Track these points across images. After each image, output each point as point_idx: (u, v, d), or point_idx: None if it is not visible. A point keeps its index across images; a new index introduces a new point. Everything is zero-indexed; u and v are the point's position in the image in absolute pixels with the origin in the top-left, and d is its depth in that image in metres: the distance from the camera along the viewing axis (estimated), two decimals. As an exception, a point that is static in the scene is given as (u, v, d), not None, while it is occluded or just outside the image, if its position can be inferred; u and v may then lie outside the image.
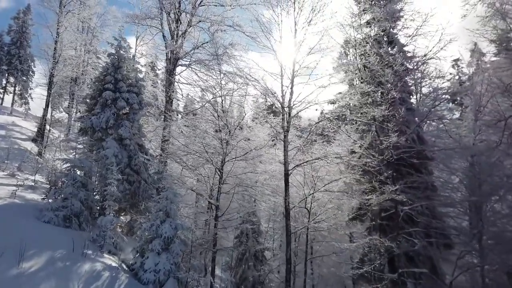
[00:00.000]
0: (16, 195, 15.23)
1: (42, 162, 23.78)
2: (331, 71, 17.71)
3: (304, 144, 16.78)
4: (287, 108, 16.96)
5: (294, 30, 17.39)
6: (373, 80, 16.77)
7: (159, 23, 23.84)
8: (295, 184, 18.68)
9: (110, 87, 19.29)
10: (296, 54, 17.27)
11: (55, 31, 29.74)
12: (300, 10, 16.86)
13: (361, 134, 18.74)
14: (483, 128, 19.34)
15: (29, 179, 19.92)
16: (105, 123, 18.70)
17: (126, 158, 18.68)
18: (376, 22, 19.04)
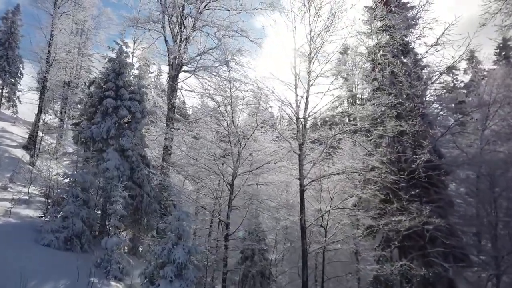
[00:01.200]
0: (11, 212, 13.99)
1: (35, 172, 22.45)
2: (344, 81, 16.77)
3: (321, 158, 15.78)
4: (302, 119, 16.04)
5: (309, 37, 16.53)
6: (399, 92, 15.87)
7: (161, 27, 22.73)
8: (309, 199, 17.69)
9: (111, 94, 18.12)
10: (311, 62, 16.38)
11: (49, 33, 28.37)
12: (318, 16, 15.94)
13: (374, 147, 17.91)
14: (491, 139, 18.80)
15: (22, 192, 18.62)
16: (106, 133, 17.51)
17: (128, 170, 17.51)
18: (389, 30, 18.25)
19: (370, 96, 16.40)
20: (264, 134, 17.66)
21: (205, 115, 19.24)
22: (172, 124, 21.66)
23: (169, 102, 21.77)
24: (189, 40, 21.99)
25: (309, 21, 16.55)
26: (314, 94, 16.21)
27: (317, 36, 16.08)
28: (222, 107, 17.01)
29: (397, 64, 16.02)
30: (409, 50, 19.23)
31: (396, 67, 16.17)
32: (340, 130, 15.45)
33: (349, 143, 17.28)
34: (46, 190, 19.99)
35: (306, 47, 16.65)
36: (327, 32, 15.71)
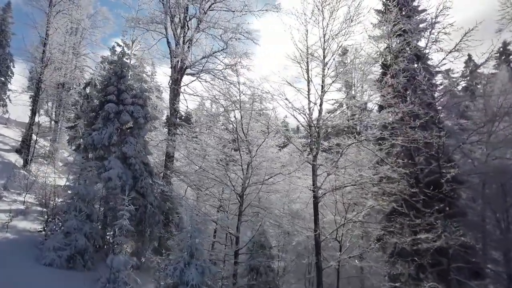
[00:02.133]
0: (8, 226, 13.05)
1: (30, 177, 21.43)
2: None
3: (335, 167, 15.06)
4: (316, 127, 15.30)
5: (323, 40, 15.82)
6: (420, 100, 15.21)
7: (163, 28, 21.84)
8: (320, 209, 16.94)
9: (112, 98, 17.23)
10: (326, 67, 15.67)
11: (44, 32, 27.26)
12: (333, 19, 15.22)
13: (387, 157, 17.26)
14: (498, 146, 18.31)
15: (18, 201, 17.65)
16: (108, 139, 16.61)
17: (131, 179, 16.64)
18: (403, 34, 17.60)
19: (384, 103, 15.63)
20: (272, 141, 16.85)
21: (210, 120, 18.43)
22: (174, 129, 20.80)
23: (171, 106, 20.90)
24: (193, 42, 21.12)
25: (322, 25, 15.85)
26: (327, 101, 15.43)
27: (332, 39, 15.35)
28: (231, 113, 16.16)
29: (417, 71, 15.39)
30: (422, 55, 18.61)
31: (417, 74, 15.58)
32: (358, 140, 14.71)
33: (363, 153, 16.55)
34: (43, 198, 19.16)
35: (320, 52, 15.96)
36: (343, 36, 14.98)
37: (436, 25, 17.14)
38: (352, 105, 16.57)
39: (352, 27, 15.06)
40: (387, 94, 15.38)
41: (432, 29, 16.26)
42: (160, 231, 17.53)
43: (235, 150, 17.10)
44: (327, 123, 15.36)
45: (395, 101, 14.88)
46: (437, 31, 17.28)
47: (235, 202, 17.88)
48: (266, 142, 15.85)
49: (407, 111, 14.87)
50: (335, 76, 15.69)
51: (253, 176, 15.22)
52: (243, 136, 15.74)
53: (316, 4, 15.93)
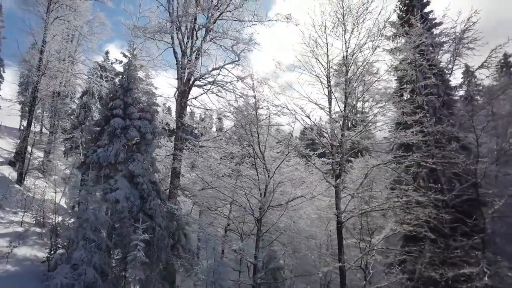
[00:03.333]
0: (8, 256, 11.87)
1: (26, 194, 20.18)
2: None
3: (360, 190, 14.13)
4: (339, 147, 14.39)
5: (345, 54, 14.98)
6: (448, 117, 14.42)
7: (169, 37, 20.81)
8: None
9: (119, 113, 16.17)
10: (347, 82, 14.80)
11: (41, 39, 26.04)
12: (359, 32, 14.38)
13: (412, 178, 16.45)
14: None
15: (15, 222, 16.41)
16: (114, 157, 15.53)
17: (138, 199, 15.53)
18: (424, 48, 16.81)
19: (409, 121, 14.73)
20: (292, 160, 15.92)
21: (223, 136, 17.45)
22: (181, 144, 19.72)
23: (178, 120, 19.80)
24: (202, 53, 20.12)
25: (344, 38, 15.03)
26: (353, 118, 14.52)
27: (356, 53, 14.52)
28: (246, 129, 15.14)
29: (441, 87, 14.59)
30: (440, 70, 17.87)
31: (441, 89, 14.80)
32: (388, 161, 13.81)
33: (387, 174, 15.67)
34: (41, 218, 18.01)
35: (341, 65, 15.14)
36: (369, 50, 14.16)
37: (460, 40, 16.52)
38: (358, 119, 15.77)
39: (378, 40, 14.21)
40: (407, 111, 14.61)
41: (458, 44, 15.47)
42: (168, 254, 16.41)
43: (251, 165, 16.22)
44: (353, 141, 14.39)
45: (421, 119, 14.04)
46: (461, 46, 16.67)
47: (247, 222, 16.96)
48: (284, 161, 14.87)
49: (436, 131, 14.07)
50: (362, 92, 14.69)
51: (271, 197, 14.20)
52: (260, 155, 14.77)
53: (338, 16, 15.19)
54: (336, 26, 15.05)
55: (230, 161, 19.16)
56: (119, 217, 13.88)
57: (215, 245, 11.20)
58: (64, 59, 28.97)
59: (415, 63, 16.90)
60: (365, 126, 14.00)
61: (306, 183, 15.66)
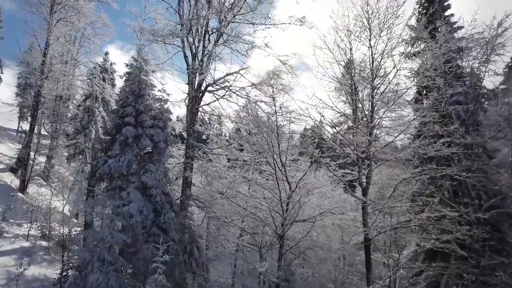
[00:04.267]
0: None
1: (30, 203, 19.34)
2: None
3: (388, 205, 13.36)
4: (366, 159, 13.63)
5: (371, 60, 14.25)
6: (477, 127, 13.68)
7: (180, 41, 20.00)
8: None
9: (131, 121, 15.34)
10: (375, 90, 14.06)
11: (44, 41, 25.19)
12: (389, 38, 13.64)
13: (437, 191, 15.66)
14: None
15: (21, 236, 15.55)
16: (126, 167, 14.69)
17: (151, 213, 14.70)
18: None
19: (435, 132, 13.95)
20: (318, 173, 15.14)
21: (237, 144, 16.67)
22: (192, 151, 18.92)
23: (189, 127, 18.98)
24: (214, 57, 19.33)
25: (370, 42, 14.29)
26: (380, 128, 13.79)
27: (388, 57, 13.78)
28: (267, 139, 14.36)
29: (474, 95, 13.86)
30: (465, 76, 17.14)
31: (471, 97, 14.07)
32: (418, 174, 13.05)
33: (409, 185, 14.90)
34: (47, 230, 17.21)
35: (367, 72, 14.40)
36: (401, 56, 13.42)
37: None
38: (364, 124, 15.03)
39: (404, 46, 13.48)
40: (433, 119, 13.84)
41: (490, 51, 14.74)
42: (182, 270, 15.60)
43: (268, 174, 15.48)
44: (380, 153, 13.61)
45: (450, 129, 13.29)
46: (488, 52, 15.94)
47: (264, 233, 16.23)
48: (307, 174, 14.12)
49: (468, 143, 13.33)
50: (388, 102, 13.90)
51: (294, 211, 13.43)
52: (281, 167, 14.01)
53: (362, 20, 14.46)
54: (361, 31, 14.35)
55: (244, 170, 18.44)
56: (133, 234, 13.02)
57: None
58: (67, 61, 28.14)
59: (442, 70, 16.17)
60: (396, 137, 13.20)
61: (330, 196, 14.82)
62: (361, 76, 14.32)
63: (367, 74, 14.25)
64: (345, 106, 16.25)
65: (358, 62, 14.67)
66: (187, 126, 19.24)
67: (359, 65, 14.54)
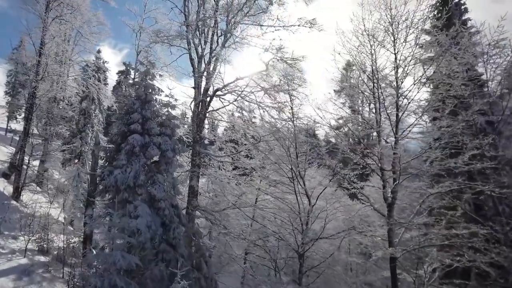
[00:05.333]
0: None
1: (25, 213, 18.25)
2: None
3: (417, 221, 12.59)
4: (391, 172, 12.83)
5: (395, 65, 13.47)
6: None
7: (185, 42, 19.00)
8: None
9: (137, 128, 14.33)
10: (399, 98, 13.27)
11: (39, 40, 23.96)
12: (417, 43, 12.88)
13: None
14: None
15: (17, 252, 14.46)
16: (133, 179, 13.70)
17: (160, 227, 13.70)
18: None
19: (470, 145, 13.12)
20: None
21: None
22: (199, 159, 17.94)
23: (195, 133, 18.00)
24: (223, 61, 18.41)
25: (394, 48, 13.52)
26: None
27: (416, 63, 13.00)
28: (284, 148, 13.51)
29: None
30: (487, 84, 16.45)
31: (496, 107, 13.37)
32: (450, 189, 12.30)
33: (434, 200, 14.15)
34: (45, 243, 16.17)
35: (391, 78, 13.62)
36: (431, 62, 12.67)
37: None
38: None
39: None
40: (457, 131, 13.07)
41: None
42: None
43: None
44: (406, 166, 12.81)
45: (486, 143, 12.56)
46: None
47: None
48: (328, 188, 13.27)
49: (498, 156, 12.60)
50: (419, 111, 13.11)
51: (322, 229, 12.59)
52: (299, 179, 13.16)
53: (385, 25, 13.68)
54: (385, 36, 13.59)
55: (249, 178, 17.59)
56: (142, 253, 12.06)
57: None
58: (64, 62, 26.92)
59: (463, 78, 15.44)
60: (427, 150, 12.42)
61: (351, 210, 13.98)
62: (386, 83, 13.49)
63: (391, 81, 13.43)
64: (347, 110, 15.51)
65: (381, 69, 13.83)
66: (193, 132, 18.25)
67: (382, 72, 13.70)
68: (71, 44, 31.24)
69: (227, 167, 19.97)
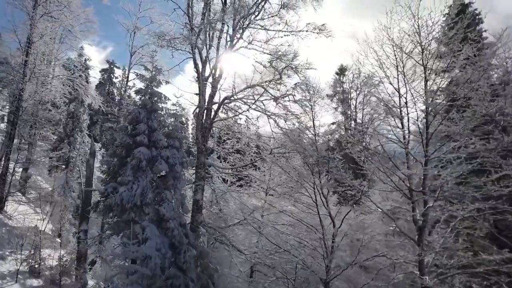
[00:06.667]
0: None
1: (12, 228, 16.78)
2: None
3: (446, 246, 11.81)
4: (421, 193, 12.01)
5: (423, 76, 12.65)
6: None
7: (189, 46, 17.79)
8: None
9: (143, 140, 13.15)
10: (430, 113, 12.46)
11: (25, 38, 22.28)
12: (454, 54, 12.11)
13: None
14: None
15: (8, 276, 13.04)
16: (141, 197, 12.49)
17: (169, 250, 12.56)
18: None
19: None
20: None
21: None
22: (204, 171, 16.80)
23: (201, 144, 16.84)
24: (231, 67, 17.37)
25: (422, 60, 12.70)
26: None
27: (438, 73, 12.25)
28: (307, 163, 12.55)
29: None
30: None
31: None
32: (487, 212, 11.57)
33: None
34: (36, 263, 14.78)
35: (421, 92, 12.80)
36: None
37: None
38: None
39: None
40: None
41: None
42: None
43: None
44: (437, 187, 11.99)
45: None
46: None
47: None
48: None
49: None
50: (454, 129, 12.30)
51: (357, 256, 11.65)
52: (322, 198, 12.24)
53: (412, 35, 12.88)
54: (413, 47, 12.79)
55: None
56: (153, 285, 10.91)
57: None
58: (51, 61, 25.26)
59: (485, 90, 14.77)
60: (462, 172, 11.62)
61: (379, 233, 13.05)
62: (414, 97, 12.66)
63: (421, 95, 12.61)
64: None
65: (409, 81, 12.97)
66: (197, 142, 17.09)
67: (412, 84, 12.85)
68: (57, 42, 29.50)
69: (231, 179, 18.99)
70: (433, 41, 13.07)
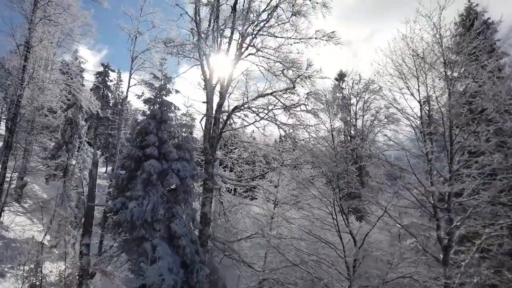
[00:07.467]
0: None
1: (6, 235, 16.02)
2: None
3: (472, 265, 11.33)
4: (445, 211, 11.51)
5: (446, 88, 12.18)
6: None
7: (197, 55, 17.17)
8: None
9: (153, 153, 12.51)
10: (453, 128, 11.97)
11: (23, 43, 21.54)
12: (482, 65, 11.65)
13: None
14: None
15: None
16: (151, 213, 11.83)
17: (181, 269, 11.91)
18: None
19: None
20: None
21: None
22: (212, 183, 16.18)
23: (209, 154, 16.21)
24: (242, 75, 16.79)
25: (445, 72, 12.24)
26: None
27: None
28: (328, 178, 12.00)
29: None
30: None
31: None
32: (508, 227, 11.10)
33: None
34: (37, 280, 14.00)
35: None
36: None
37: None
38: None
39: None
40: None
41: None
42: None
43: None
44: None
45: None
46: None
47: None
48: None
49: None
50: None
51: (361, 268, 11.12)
52: (343, 215, 11.68)
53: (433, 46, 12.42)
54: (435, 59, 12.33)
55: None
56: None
57: None
58: (49, 66, 24.47)
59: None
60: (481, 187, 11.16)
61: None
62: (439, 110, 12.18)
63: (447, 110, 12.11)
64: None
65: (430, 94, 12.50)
66: (205, 152, 16.45)
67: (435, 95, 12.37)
68: (55, 45, 28.73)
69: (239, 190, 18.38)
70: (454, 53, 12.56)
